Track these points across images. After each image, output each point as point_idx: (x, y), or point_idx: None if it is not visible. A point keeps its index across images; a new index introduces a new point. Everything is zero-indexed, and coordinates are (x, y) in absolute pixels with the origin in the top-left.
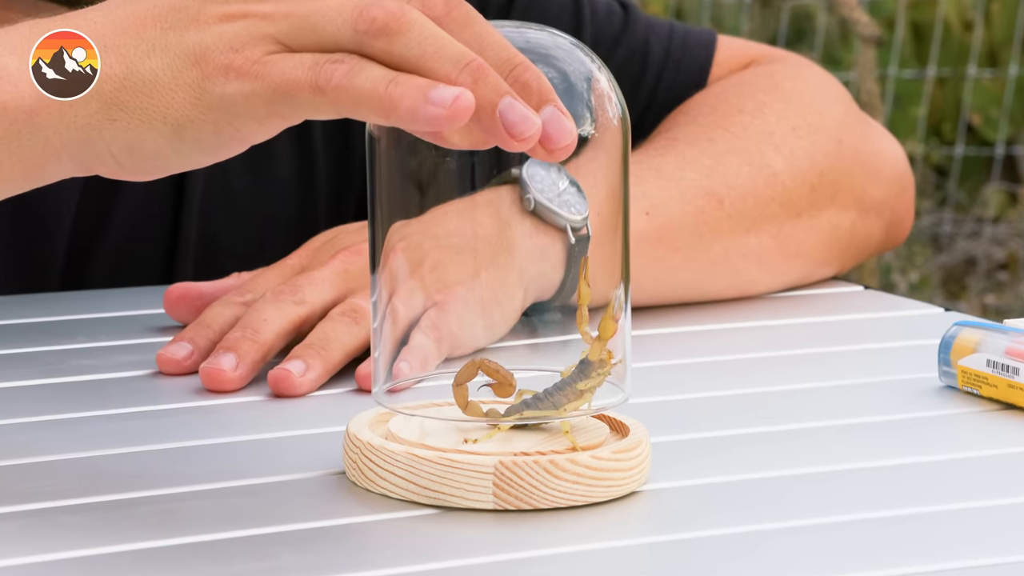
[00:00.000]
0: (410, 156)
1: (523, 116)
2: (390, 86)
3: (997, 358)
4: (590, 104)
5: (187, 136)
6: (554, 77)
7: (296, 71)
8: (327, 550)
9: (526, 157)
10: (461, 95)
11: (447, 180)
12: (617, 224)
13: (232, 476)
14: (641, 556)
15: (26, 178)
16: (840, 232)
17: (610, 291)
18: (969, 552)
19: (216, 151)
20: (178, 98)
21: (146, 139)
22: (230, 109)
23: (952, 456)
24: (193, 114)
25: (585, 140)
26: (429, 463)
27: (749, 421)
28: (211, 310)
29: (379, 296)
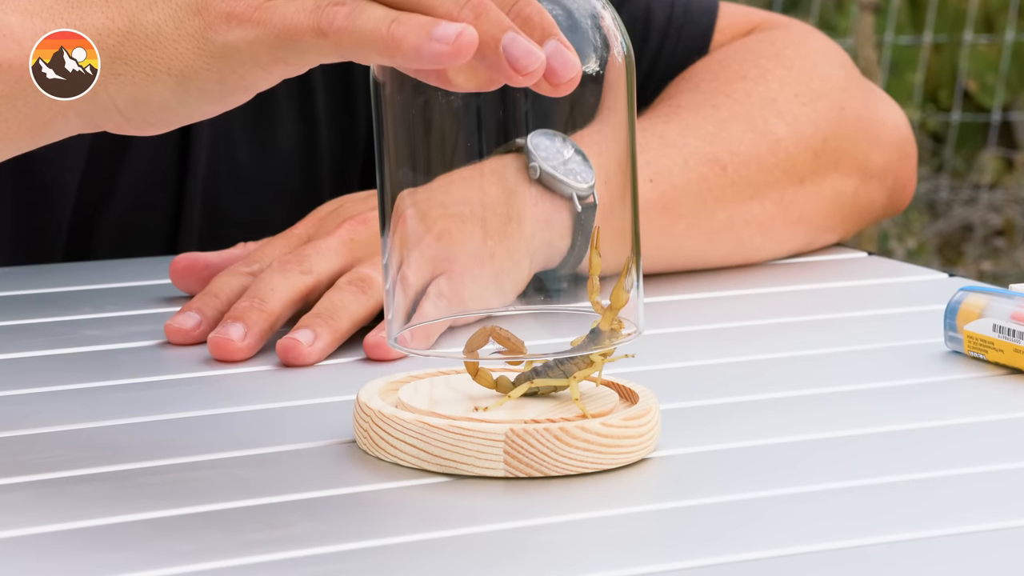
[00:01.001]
0: (415, 98)
1: (527, 50)
2: (392, 25)
3: (1003, 323)
4: (595, 41)
5: (192, 87)
6: (558, 15)
7: (298, 15)
8: (340, 518)
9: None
10: (464, 31)
11: (454, 120)
12: (625, 167)
13: (242, 446)
14: (650, 522)
15: (33, 136)
16: (843, 198)
17: (622, 244)
18: (976, 516)
19: (221, 100)
20: (181, 48)
21: (151, 92)
22: (233, 57)
23: (959, 421)
24: (197, 64)
25: (590, 77)
26: (440, 431)
27: (755, 388)
28: (218, 280)
29: (390, 243)
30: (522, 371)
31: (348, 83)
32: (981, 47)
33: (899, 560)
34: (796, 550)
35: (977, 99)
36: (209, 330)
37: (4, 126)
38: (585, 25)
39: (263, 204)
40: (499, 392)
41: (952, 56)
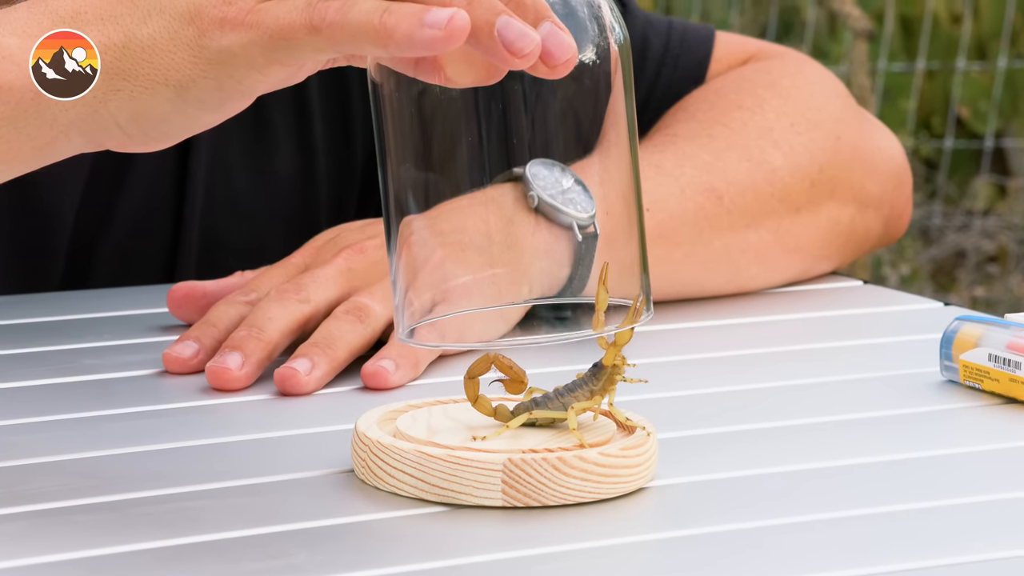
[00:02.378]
0: (413, 93)
1: (521, 32)
2: (384, 16)
3: (999, 352)
4: (591, 30)
5: (190, 96)
6: (554, 3)
7: (290, 14)
8: (338, 548)
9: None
10: (455, 15)
11: (453, 116)
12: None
13: (240, 475)
14: (649, 552)
15: (36, 156)
16: (839, 227)
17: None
18: (973, 547)
19: (221, 108)
20: (177, 58)
21: (151, 105)
22: (229, 62)
23: (955, 451)
24: (194, 72)
25: (586, 65)
26: (438, 461)
27: (752, 417)
28: (216, 309)
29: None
30: (521, 401)
31: (346, 115)
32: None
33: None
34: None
35: (970, 126)
36: (207, 359)
37: (6, 147)
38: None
39: (261, 232)
40: (497, 421)
41: (945, 83)
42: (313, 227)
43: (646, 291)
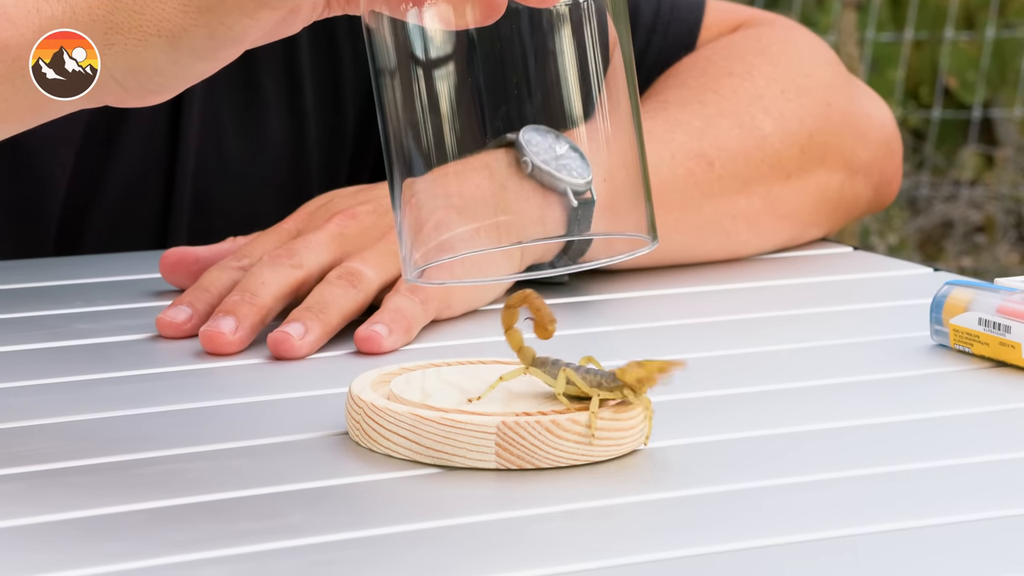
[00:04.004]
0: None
1: None
2: None
3: (989, 316)
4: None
5: (183, 46)
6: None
7: None
8: (333, 509)
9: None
10: None
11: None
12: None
13: (234, 437)
14: (642, 513)
15: (34, 114)
16: (829, 193)
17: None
18: (963, 507)
19: (214, 56)
20: (168, 8)
21: (145, 57)
22: (218, 8)
23: (945, 413)
24: (185, 21)
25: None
26: (432, 423)
27: (744, 381)
28: (209, 274)
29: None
30: (550, 357)
31: (336, 81)
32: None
33: (890, 549)
34: (787, 539)
35: (958, 96)
36: (200, 324)
37: (5, 105)
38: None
39: (252, 197)
40: (519, 360)
41: (933, 53)
42: (304, 193)
43: (650, 219)
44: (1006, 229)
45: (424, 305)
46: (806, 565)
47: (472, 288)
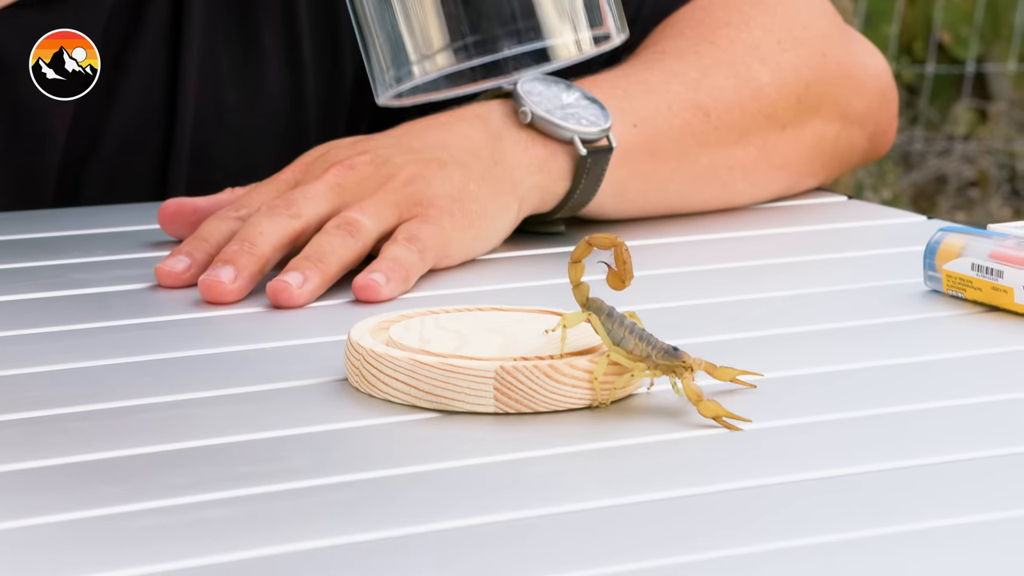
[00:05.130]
0: None
1: None
2: None
3: (982, 261)
4: None
5: None
6: None
7: None
8: (332, 452)
9: None
10: None
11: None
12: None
13: (234, 384)
14: (640, 455)
15: None
16: (824, 143)
17: None
18: (956, 447)
19: None
20: None
21: None
22: None
23: (938, 357)
24: None
25: None
26: (431, 368)
27: (741, 326)
28: (207, 224)
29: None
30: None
31: (335, 35)
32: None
33: (887, 488)
34: (787, 479)
35: (951, 51)
36: (199, 273)
37: None
38: None
39: (250, 149)
40: (580, 307)
41: (927, 8)
42: (303, 145)
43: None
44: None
45: (422, 254)
46: (808, 503)
47: (469, 239)
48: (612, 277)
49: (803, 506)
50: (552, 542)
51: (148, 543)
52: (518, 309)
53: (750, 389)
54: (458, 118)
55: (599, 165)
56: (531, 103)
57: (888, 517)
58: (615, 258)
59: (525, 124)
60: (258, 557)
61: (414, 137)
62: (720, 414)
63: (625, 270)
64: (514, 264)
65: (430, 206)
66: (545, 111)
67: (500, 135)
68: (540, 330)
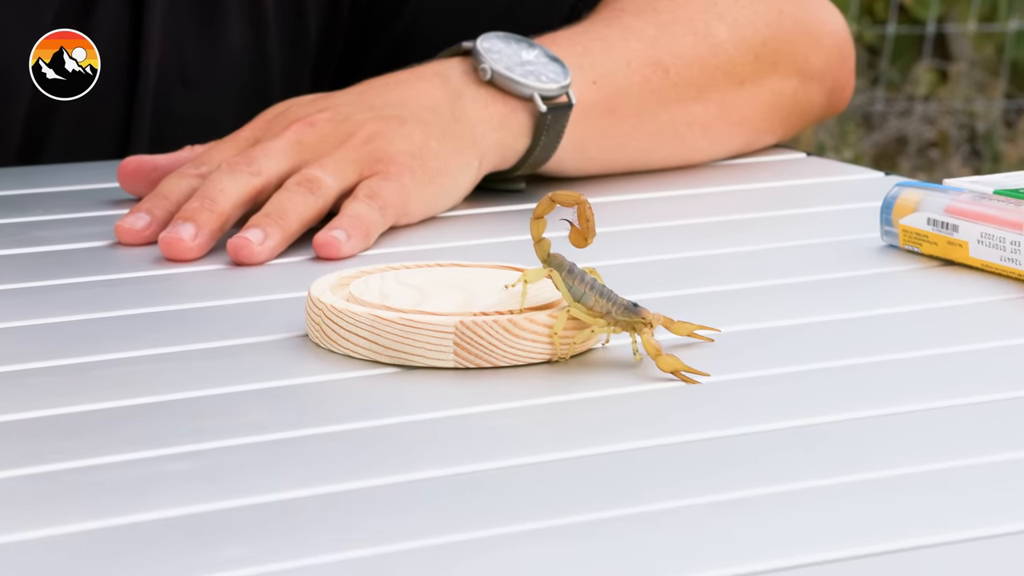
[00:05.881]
0: None
1: None
2: None
3: (937, 216)
4: None
5: None
6: None
7: None
8: (294, 407)
9: None
10: None
11: None
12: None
13: (195, 340)
14: (597, 408)
15: None
16: (782, 100)
17: None
18: (911, 398)
19: None
20: None
21: None
22: None
23: (895, 310)
24: None
25: None
26: (391, 324)
27: (701, 282)
28: (167, 182)
29: None
30: (586, 275)
31: None
32: None
33: (845, 438)
34: (744, 430)
35: (912, 11)
36: (159, 231)
37: None
38: None
39: (213, 105)
40: (541, 262)
41: None
42: (266, 100)
43: None
44: (959, 144)
45: (382, 211)
46: (768, 454)
47: (430, 196)
48: (574, 235)
49: (762, 457)
50: (510, 494)
51: (108, 496)
52: (479, 265)
53: (708, 343)
54: (418, 76)
55: (559, 122)
56: (491, 60)
57: (846, 467)
58: (578, 216)
59: (485, 81)
60: (219, 510)
61: (375, 95)
62: (679, 368)
63: (588, 228)
64: (475, 221)
65: (391, 163)
66: (505, 68)
67: (460, 92)
68: (500, 286)
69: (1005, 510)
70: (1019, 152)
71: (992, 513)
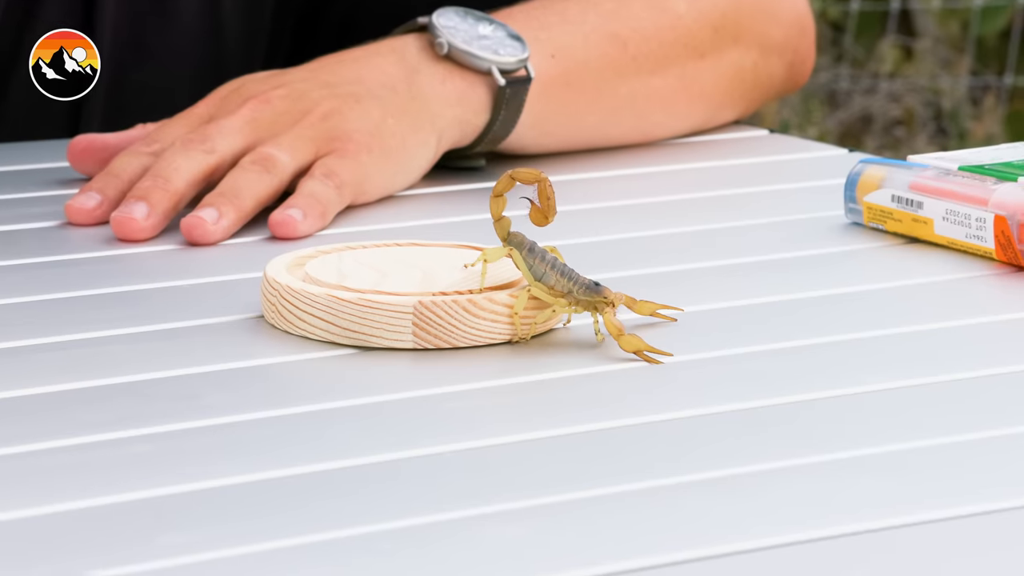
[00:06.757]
0: None
1: None
2: None
3: (902, 193)
4: None
5: None
6: None
7: None
8: (250, 389)
9: None
10: None
11: None
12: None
13: (149, 321)
14: (558, 389)
15: None
16: (743, 73)
17: None
18: (875, 378)
19: None
20: None
21: None
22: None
23: (859, 289)
24: None
25: None
26: (349, 304)
27: (663, 261)
28: (118, 160)
29: None
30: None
31: None
32: None
33: (809, 418)
34: (707, 411)
35: None
36: (111, 210)
37: None
38: None
39: (167, 79)
40: (501, 241)
41: None
42: (221, 76)
43: None
44: (925, 121)
45: (339, 190)
46: (731, 435)
47: (388, 174)
48: (535, 213)
49: (727, 439)
50: (471, 476)
51: (59, 480)
52: (438, 244)
53: (671, 323)
54: (374, 52)
55: (518, 96)
56: (447, 34)
57: (813, 448)
58: (539, 194)
59: (442, 56)
60: (174, 494)
61: (330, 72)
62: (641, 348)
63: (549, 206)
64: (434, 200)
65: (347, 141)
66: (462, 42)
67: (417, 68)
68: (460, 265)
69: (974, 490)
70: (985, 130)
71: (962, 493)
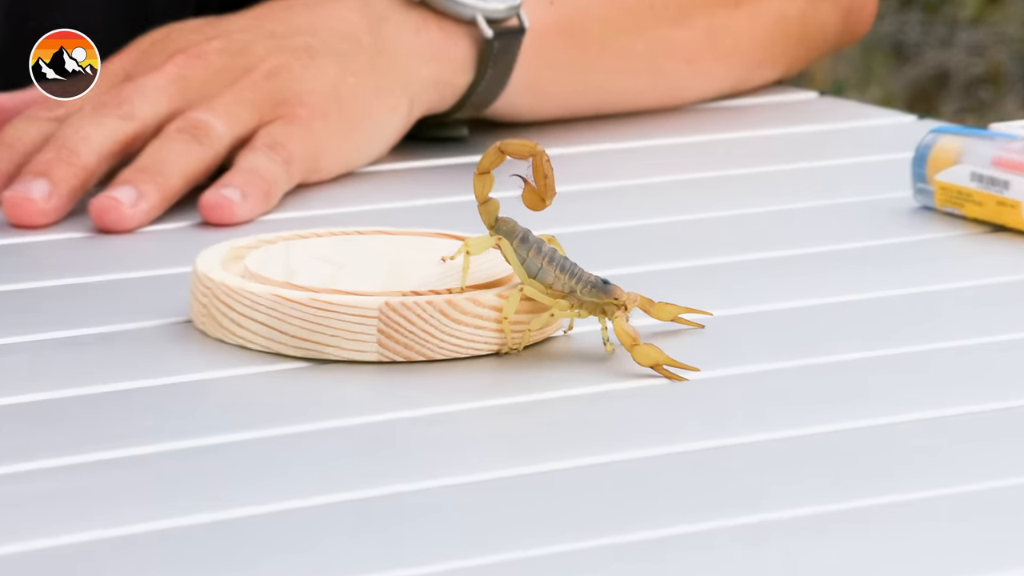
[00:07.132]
0: None
1: None
2: None
3: (983, 170)
4: None
5: None
6: None
7: None
8: (176, 412)
9: None
10: None
11: None
12: None
13: (55, 326)
14: (558, 412)
15: None
16: (786, 22)
17: None
18: (958, 399)
19: None
20: None
21: None
22: None
23: (931, 288)
24: None
25: None
26: (298, 306)
27: (686, 254)
28: (13, 127)
29: None
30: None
31: None
32: None
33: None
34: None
35: None
36: (3, 188)
37: None
38: None
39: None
40: (487, 229)
41: None
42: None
43: None
44: (1015, 79)
45: (287, 166)
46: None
47: (348, 146)
48: (529, 194)
49: (769, 472)
50: (447, 521)
51: None
52: (409, 232)
53: (697, 330)
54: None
55: (508, 51)
56: None
57: (874, 484)
58: (533, 170)
59: (416, 2)
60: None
61: (277, 20)
62: (660, 361)
63: (545, 186)
64: (405, 177)
65: (298, 105)
66: None
67: (385, 16)
68: (436, 258)
69: None
70: None
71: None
